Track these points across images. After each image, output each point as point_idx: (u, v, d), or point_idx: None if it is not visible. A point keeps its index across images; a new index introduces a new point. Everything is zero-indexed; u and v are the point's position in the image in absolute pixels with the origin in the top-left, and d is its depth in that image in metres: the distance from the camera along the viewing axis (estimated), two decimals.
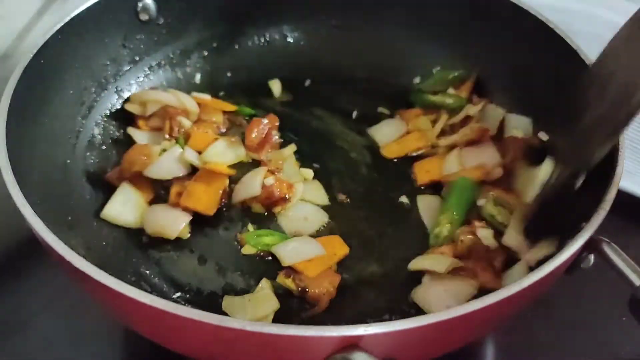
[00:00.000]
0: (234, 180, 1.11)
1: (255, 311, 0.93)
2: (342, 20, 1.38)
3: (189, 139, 1.14)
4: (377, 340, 0.67)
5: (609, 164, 0.87)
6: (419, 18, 1.32)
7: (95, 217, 1.06)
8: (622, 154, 0.88)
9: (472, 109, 1.18)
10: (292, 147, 1.19)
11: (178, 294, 0.99)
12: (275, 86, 1.34)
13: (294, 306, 0.97)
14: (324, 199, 1.12)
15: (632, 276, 0.80)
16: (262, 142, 1.16)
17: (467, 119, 1.20)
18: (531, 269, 0.93)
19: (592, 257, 0.85)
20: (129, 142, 1.20)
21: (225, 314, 0.94)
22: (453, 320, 0.67)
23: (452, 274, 0.94)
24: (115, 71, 1.23)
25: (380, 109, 1.30)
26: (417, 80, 1.32)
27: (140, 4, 1.22)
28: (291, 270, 0.99)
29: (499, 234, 0.98)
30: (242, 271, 1.02)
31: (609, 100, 0.84)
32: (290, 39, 1.40)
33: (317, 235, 1.06)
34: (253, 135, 1.14)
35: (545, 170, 0.96)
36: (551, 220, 0.93)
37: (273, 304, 0.95)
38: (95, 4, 1.13)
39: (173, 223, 1.04)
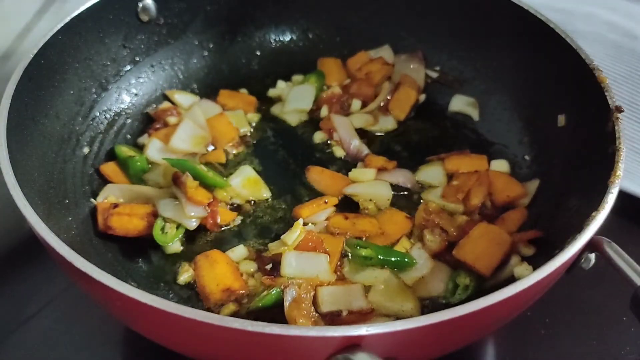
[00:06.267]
0: None
1: None
2: (341, 20, 1.39)
3: None
4: (379, 341, 0.67)
5: (609, 164, 0.87)
6: (419, 18, 1.32)
7: (95, 218, 1.06)
8: (622, 154, 0.88)
9: None
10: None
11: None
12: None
13: None
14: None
15: (633, 276, 0.79)
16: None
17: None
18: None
19: (592, 257, 0.85)
20: (129, 143, 1.21)
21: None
22: (454, 321, 0.67)
23: None
24: (116, 71, 1.23)
25: None
26: None
27: (140, 5, 1.22)
28: None
29: None
30: None
31: None
32: (290, 39, 1.41)
33: None
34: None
35: None
36: None
37: None
38: (95, 4, 1.13)
39: None
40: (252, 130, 1.27)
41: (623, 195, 0.99)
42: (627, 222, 1.15)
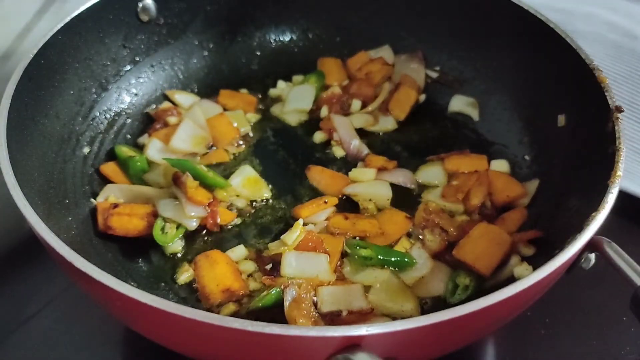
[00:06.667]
0: None
1: None
2: (341, 20, 1.39)
3: None
4: (379, 341, 0.67)
5: (609, 164, 0.87)
6: (419, 18, 1.32)
7: (95, 218, 1.06)
8: (622, 154, 0.88)
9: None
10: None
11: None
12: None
13: None
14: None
15: (633, 276, 0.79)
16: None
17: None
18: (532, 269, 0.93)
19: (592, 257, 0.85)
20: (129, 143, 1.21)
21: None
22: (454, 321, 0.67)
23: None
24: (116, 71, 1.23)
25: None
26: None
27: (140, 5, 1.22)
28: None
29: None
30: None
31: None
32: (290, 39, 1.41)
33: None
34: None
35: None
36: None
37: None
38: (95, 4, 1.14)
39: None
40: (252, 130, 1.27)
41: (623, 195, 0.99)
42: (627, 222, 1.15)
